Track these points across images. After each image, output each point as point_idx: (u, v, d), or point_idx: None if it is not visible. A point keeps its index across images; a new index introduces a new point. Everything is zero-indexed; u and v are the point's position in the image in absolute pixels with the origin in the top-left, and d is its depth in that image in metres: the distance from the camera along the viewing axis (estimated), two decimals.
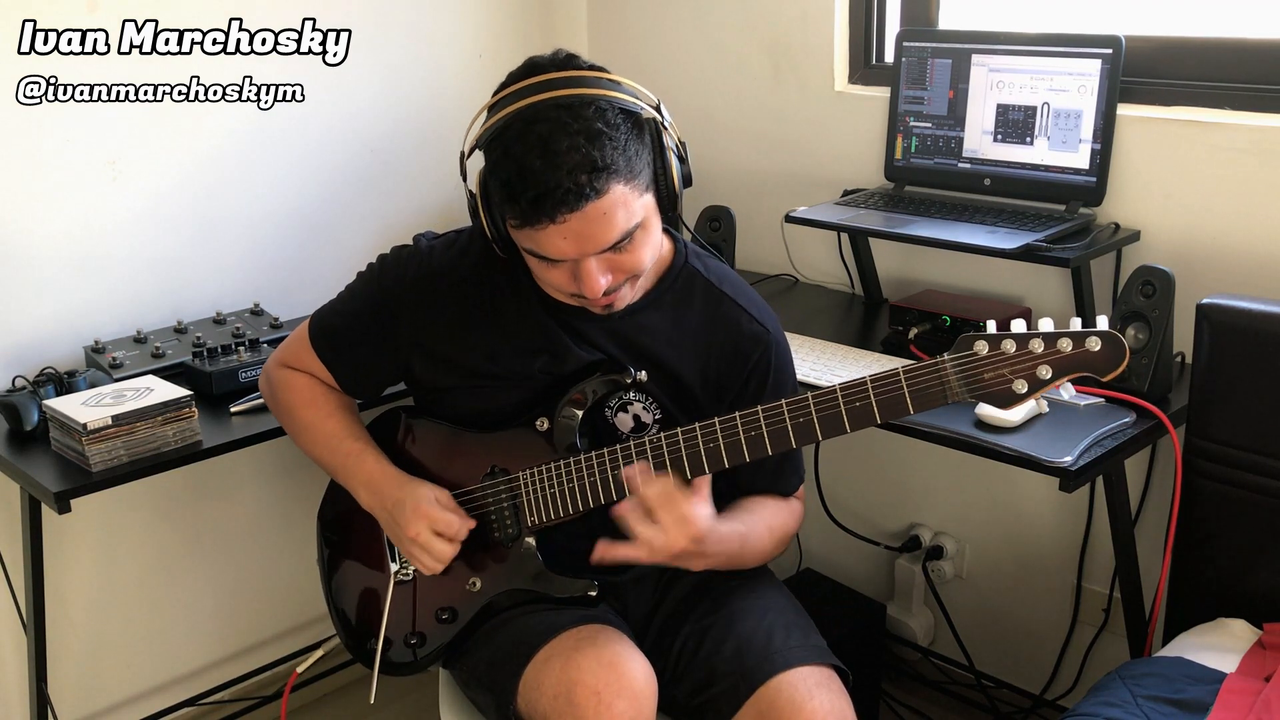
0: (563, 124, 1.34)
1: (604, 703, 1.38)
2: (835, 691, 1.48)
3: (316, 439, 1.64)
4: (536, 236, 1.38)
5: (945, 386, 1.34)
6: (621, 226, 1.38)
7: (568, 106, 1.35)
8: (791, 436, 1.41)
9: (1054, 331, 1.31)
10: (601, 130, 1.34)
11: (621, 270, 1.44)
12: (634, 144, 1.38)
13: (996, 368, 1.31)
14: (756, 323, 1.60)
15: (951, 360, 1.33)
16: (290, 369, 1.69)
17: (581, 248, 1.38)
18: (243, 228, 2.26)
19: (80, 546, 2.18)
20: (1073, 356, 1.29)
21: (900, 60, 2.17)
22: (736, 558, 1.54)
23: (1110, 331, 1.29)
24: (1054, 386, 1.31)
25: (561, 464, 1.52)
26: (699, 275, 1.61)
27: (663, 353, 1.57)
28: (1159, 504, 2.05)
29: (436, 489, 1.56)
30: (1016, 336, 1.31)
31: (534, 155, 1.33)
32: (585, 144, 1.33)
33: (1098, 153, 1.95)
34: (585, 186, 1.33)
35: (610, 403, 1.58)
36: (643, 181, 1.40)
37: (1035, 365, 1.30)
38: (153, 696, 2.33)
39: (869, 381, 1.37)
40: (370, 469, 1.59)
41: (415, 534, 1.52)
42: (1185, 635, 1.69)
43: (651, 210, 1.44)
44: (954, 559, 2.40)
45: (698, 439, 1.44)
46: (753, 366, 1.59)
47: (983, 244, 1.88)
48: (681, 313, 1.58)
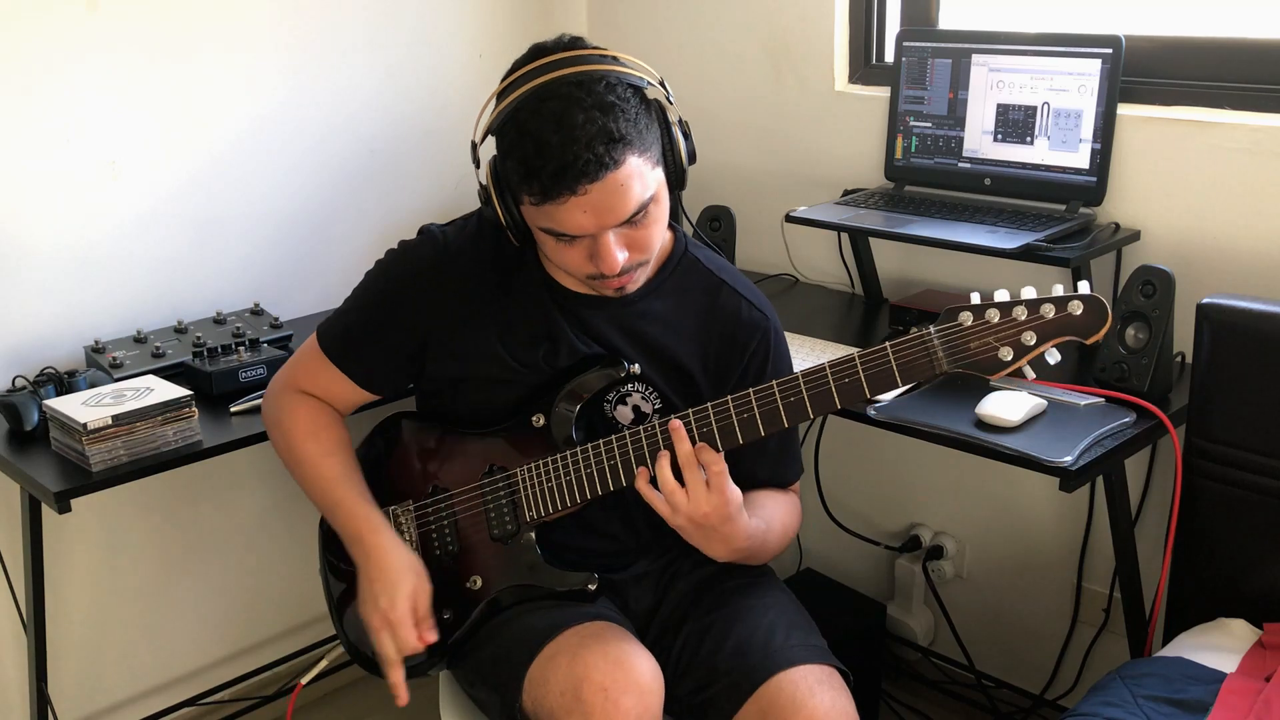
0: (575, 99, 1.36)
1: (611, 699, 1.38)
2: (837, 689, 1.48)
3: (308, 476, 1.63)
4: (556, 213, 1.39)
5: (931, 358, 1.35)
6: (638, 197, 1.40)
7: (578, 83, 1.37)
8: (783, 415, 1.41)
9: (1036, 298, 1.32)
10: (614, 103, 1.37)
11: (636, 247, 1.45)
12: (643, 117, 1.41)
13: (982, 336, 1.33)
14: (756, 309, 1.61)
15: (937, 331, 1.35)
16: (297, 393, 1.67)
17: (601, 220, 1.39)
18: (243, 228, 2.26)
19: (80, 546, 2.18)
20: (1056, 321, 1.31)
21: (900, 60, 2.17)
22: (754, 553, 1.54)
23: (1093, 295, 1.31)
24: (1039, 352, 1.32)
25: (558, 457, 1.52)
26: (699, 263, 1.62)
27: (664, 340, 1.58)
28: (1159, 504, 2.05)
29: (420, 581, 1.53)
30: (1000, 305, 1.33)
31: (550, 130, 1.35)
32: (600, 116, 1.35)
33: (1098, 152, 1.95)
34: (604, 156, 1.35)
35: (609, 396, 1.58)
36: (653, 154, 1.42)
37: (1020, 331, 1.32)
38: (153, 696, 2.33)
39: (857, 357, 1.38)
40: (357, 526, 1.56)
41: (377, 629, 1.51)
42: (1185, 635, 1.69)
43: (662, 185, 1.46)
44: (954, 559, 2.40)
45: (691, 423, 1.44)
46: (752, 352, 1.60)
47: (983, 244, 1.88)
48: (682, 300, 1.59)
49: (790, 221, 2.14)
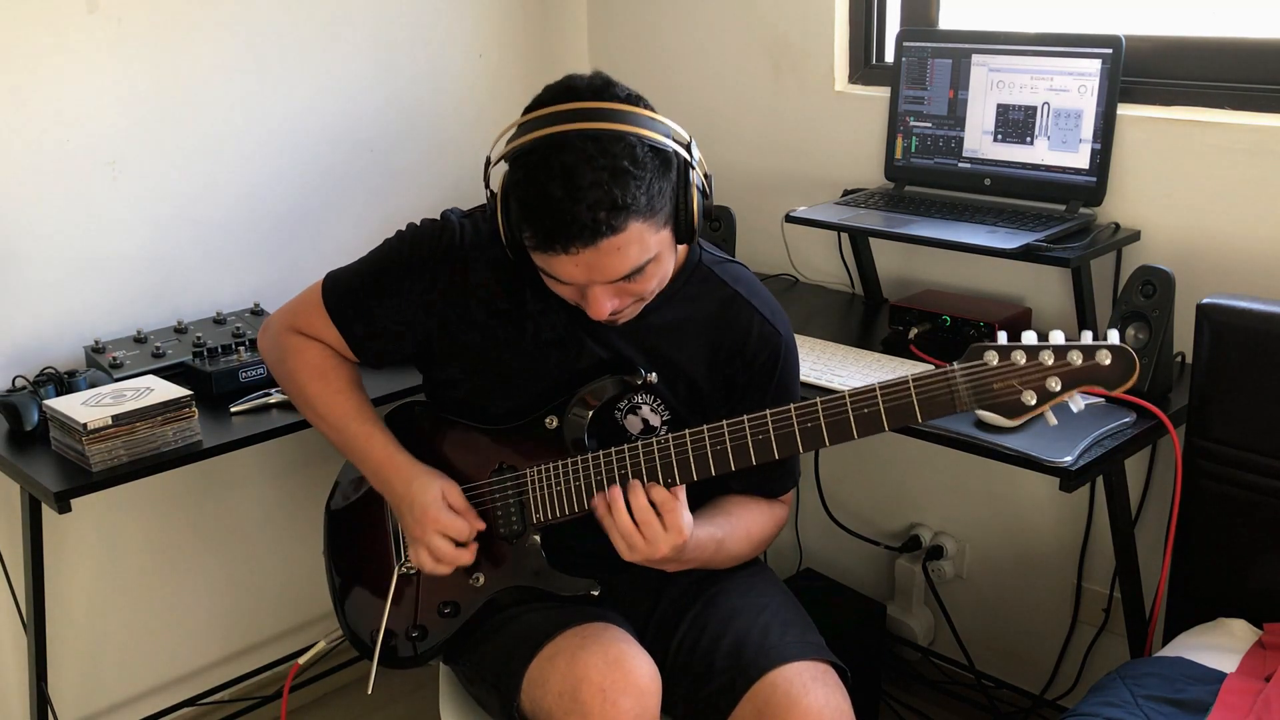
0: (590, 157, 1.32)
1: (609, 700, 1.38)
2: (832, 686, 1.48)
3: (324, 415, 1.62)
4: (549, 260, 1.39)
5: (954, 395, 1.33)
6: (634, 261, 1.38)
7: (596, 139, 1.33)
8: (799, 441, 1.41)
9: (1064, 344, 1.30)
10: (627, 169, 1.33)
11: (629, 295, 1.44)
12: (658, 181, 1.37)
13: (1006, 379, 1.31)
14: (769, 324, 1.60)
15: (961, 370, 1.33)
16: (299, 334, 1.65)
17: (591, 277, 1.39)
18: (243, 228, 2.26)
19: (80, 546, 2.18)
20: (1083, 369, 1.29)
21: (900, 60, 2.17)
22: (708, 563, 1.56)
23: (1121, 345, 1.28)
24: (1063, 399, 1.30)
25: (569, 462, 1.52)
26: (713, 275, 1.61)
27: (674, 352, 1.57)
28: (1159, 504, 2.05)
29: (446, 482, 1.55)
30: (1027, 348, 1.31)
31: (556, 184, 1.32)
32: (609, 180, 1.32)
33: (1098, 153, 1.95)
34: (603, 224, 1.32)
35: (619, 405, 1.58)
36: (662, 217, 1.40)
37: (1045, 377, 1.30)
38: (153, 696, 2.33)
39: (878, 389, 1.36)
40: (379, 455, 1.58)
41: (423, 536, 1.52)
42: (1185, 635, 1.69)
43: (667, 244, 1.43)
44: (954, 559, 2.40)
45: (705, 442, 1.44)
46: (760, 367, 1.59)
47: (983, 244, 1.88)
48: (694, 311, 1.58)
49: (790, 221, 2.14)
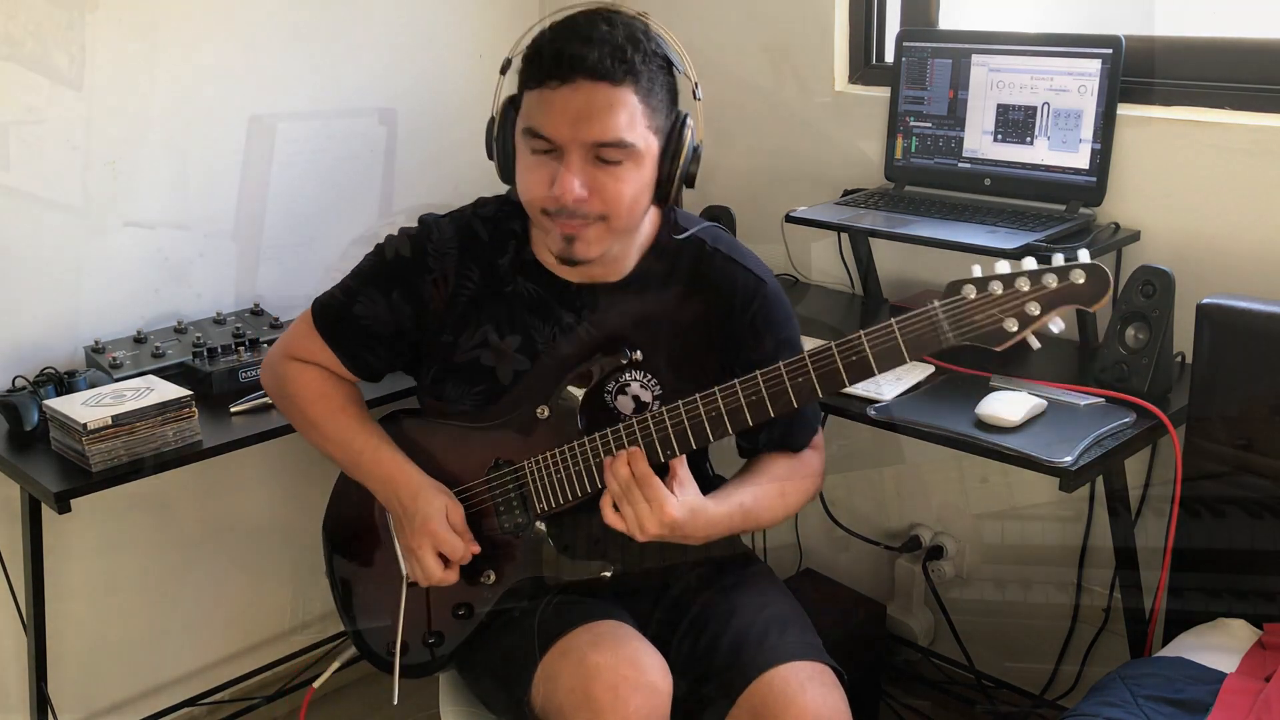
0: (605, 17, 1.41)
1: (620, 698, 1.39)
2: (829, 686, 1.48)
3: (328, 434, 1.64)
4: (540, 105, 1.41)
5: (937, 331, 1.34)
6: (618, 129, 1.40)
7: (614, 13, 1.42)
8: (792, 396, 1.41)
9: (1039, 269, 1.32)
10: (639, 39, 1.41)
11: (598, 193, 1.43)
12: (661, 90, 1.44)
13: (986, 309, 1.33)
14: (751, 274, 1.61)
15: (942, 306, 1.34)
16: (296, 361, 1.68)
17: (575, 130, 1.40)
18: (242, 228, 2.26)
19: (80, 546, 2.18)
20: (1059, 290, 1.31)
21: (900, 60, 2.17)
22: (742, 528, 1.56)
23: (1094, 263, 1.31)
24: (1044, 321, 1.33)
25: (565, 449, 1.52)
26: (691, 238, 1.61)
27: (660, 324, 1.57)
28: (1159, 504, 2.05)
29: (451, 501, 1.56)
30: (1002, 277, 1.33)
31: (568, 25, 1.40)
32: (621, 38, 1.39)
33: (1098, 153, 1.95)
34: (607, 60, 1.37)
35: (609, 386, 1.58)
36: (655, 122, 1.44)
37: (1024, 303, 1.32)
38: (153, 696, 2.33)
39: (864, 336, 1.38)
40: (386, 468, 1.59)
41: (418, 549, 1.53)
42: (1185, 635, 1.69)
43: (650, 156, 1.46)
44: (954, 559, 2.40)
45: (699, 408, 1.44)
46: (752, 317, 1.59)
47: (983, 244, 1.88)
48: (676, 278, 1.59)
49: (790, 222, 2.14)
